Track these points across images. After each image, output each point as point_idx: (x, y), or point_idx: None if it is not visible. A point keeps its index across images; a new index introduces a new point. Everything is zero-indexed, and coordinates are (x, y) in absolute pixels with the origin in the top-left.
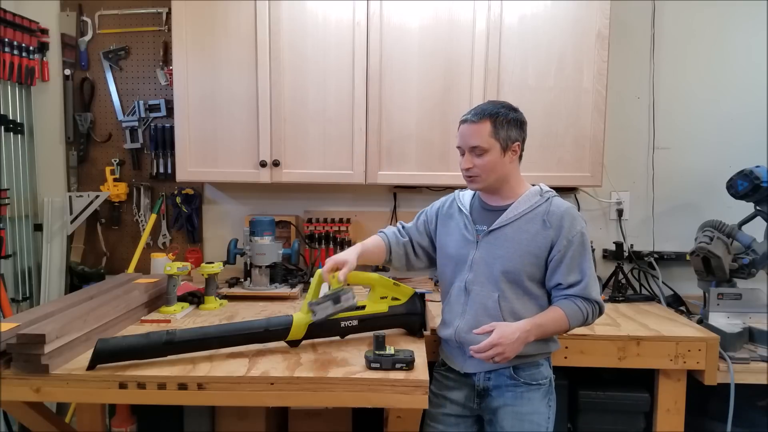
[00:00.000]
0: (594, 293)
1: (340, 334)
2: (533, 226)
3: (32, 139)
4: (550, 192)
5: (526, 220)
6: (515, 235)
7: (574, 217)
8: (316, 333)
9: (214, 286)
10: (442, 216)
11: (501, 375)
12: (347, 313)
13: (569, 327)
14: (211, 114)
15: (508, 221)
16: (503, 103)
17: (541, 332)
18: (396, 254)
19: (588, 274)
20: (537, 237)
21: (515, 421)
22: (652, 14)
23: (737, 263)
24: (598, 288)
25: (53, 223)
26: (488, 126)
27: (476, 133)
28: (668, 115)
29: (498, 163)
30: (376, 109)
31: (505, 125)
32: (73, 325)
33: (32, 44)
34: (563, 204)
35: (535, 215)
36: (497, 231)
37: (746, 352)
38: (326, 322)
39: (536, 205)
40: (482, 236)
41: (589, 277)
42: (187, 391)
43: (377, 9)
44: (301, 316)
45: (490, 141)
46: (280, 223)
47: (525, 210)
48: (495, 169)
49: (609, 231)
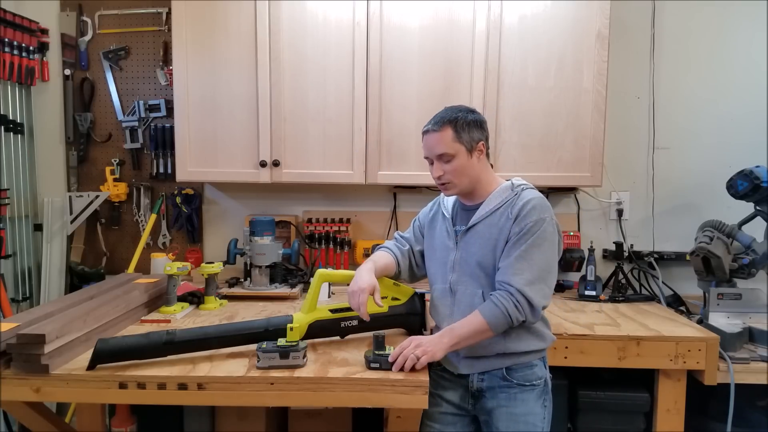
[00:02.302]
0: (516, 278)
1: (340, 334)
2: (501, 220)
3: (32, 139)
4: (522, 185)
5: (498, 215)
6: (486, 231)
7: (534, 207)
8: (316, 333)
9: (214, 286)
10: (428, 221)
11: (494, 376)
12: (347, 313)
13: (489, 326)
14: (211, 114)
15: (481, 218)
16: (459, 107)
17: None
18: (403, 266)
19: (515, 256)
20: (503, 230)
21: (510, 422)
22: (652, 14)
23: (737, 263)
24: (526, 274)
25: (53, 223)
26: (450, 132)
27: (439, 141)
28: (668, 115)
29: (467, 166)
30: (376, 109)
31: (465, 128)
32: (73, 325)
33: (32, 44)
34: (530, 194)
35: (504, 209)
36: (472, 229)
37: (746, 352)
38: (326, 323)
39: (506, 199)
40: (460, 236)
41: (515, 259)
42: (187, 391)
43: (377, 9)
44: (301, 316)
45: (454, 146)
46: (280, 223)
47: (496, 205)
48: (465, 172)
49: (609, 231)
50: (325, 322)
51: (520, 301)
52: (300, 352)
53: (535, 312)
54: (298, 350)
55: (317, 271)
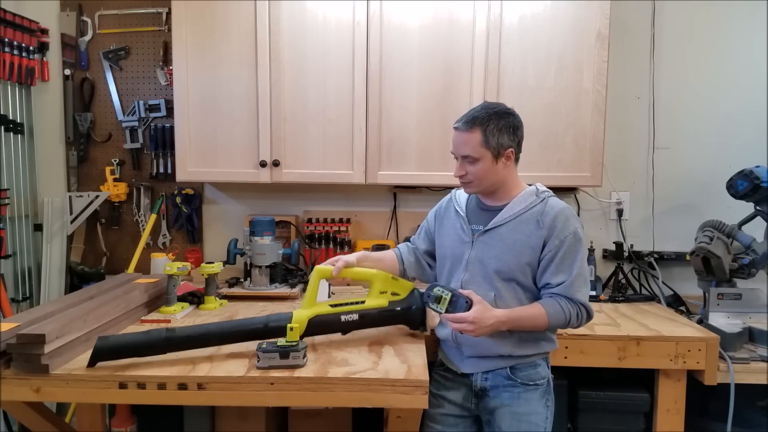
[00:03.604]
0: (579, 295)
1: (341, 330)
2: (528, 227)
3: (32, 139)
4: (546, 192)
5: (521, 221)
6: (510, 235)
7: (567, 217)
8: (317, 330)
9: (214, 286)
10: (439, 217)
11: (498, 375)
12: (348, 308)
13: (548, 325)
14: (211, 114)
15: (504, 221)
16: (496, 108)
17: (516, 326)
18: (408, 262)
19: (575, 274)
20: (531, 237)
21: (513, 422)
22: (652, 14)
23: (737, 263)
24: (585, 291)
25: (53, 223)
26: (478, 135)
27: (466, 142)
28: (668, 115)
29: (490, 171)
30: (376, 109)
31: (496, 133)
32: (73, 325)
33: (32, 44)
34: (558, 204)
35: (530, 216)
36: (492, 231)
37: (746, 352)
38: (327, 320)
39: (531, 205)
40: (477, 236)
41: (575, 277)
42: (187, 391)
43: (377, 9)
44: (301, 312)
45: (480, 150)
46: (280, 223)
47: (520, 210)
48: (487, 177)
49: (609, 231)
50: (325, 317)
51: (582, 313)
52: (300, 352)
53: (589, 320)
54: (298, 350)
55: (315, 267)
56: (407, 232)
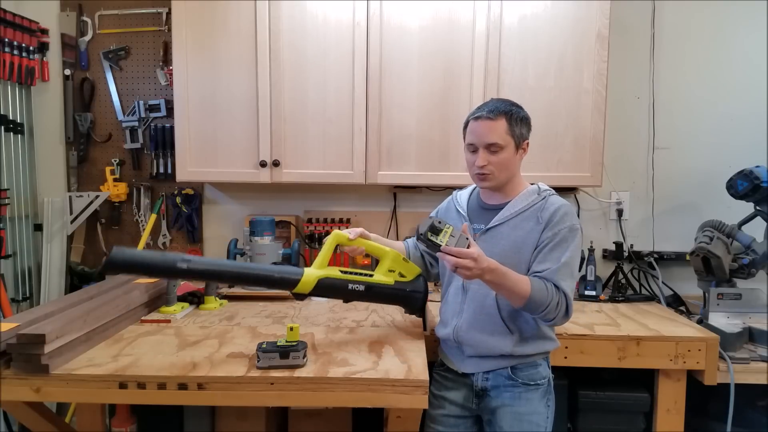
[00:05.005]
0: (563, 283)
1: (345, 297)
2: (528, 224)
3: (32, 139)
4: (547, 191)
5: (522, 218)
6: (511, 233)
7: (565, 213)
8: (323, 292)
9: (214, 286)
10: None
11: (499, 375)
12: (356, 277)
13: (529, 295)
14: (211, 114)
15: (505, 219)
16: (511, 101)
17: (501, 280)
18: (414, 257)
19: (562, 262)
20: (531, 234)
21: (514, 422)
22: (652, 14)
23: (737, 263)
24: (570, 282)
25: (53, 223)
26: (504, 123)
27: (493, 130)
28: (668, 115)
29: (511, 161)
30: (376, 109)
31: (519, 122)
32: (73, 325)
33: (32, 44)
34: (558, 201)
35: (531, 213)
36: (493, 229)
37: (746, 352)
38: (335, 284)
39: (533, 203)
40: (479, 235)
41: (562, 265)
42: (187, 391)
43: (377, 9)
44: (313, 271)
45: (506, 138)
46: (280, 223)
47: (521, 208)
48: (508, 167)
49: (609, 231)
50: (334, 281)
51: (562, 303)
52: (300, 352)
53: (566, 318)
54: (298, 350)
55: (333, 231)
56: (407, 233)
